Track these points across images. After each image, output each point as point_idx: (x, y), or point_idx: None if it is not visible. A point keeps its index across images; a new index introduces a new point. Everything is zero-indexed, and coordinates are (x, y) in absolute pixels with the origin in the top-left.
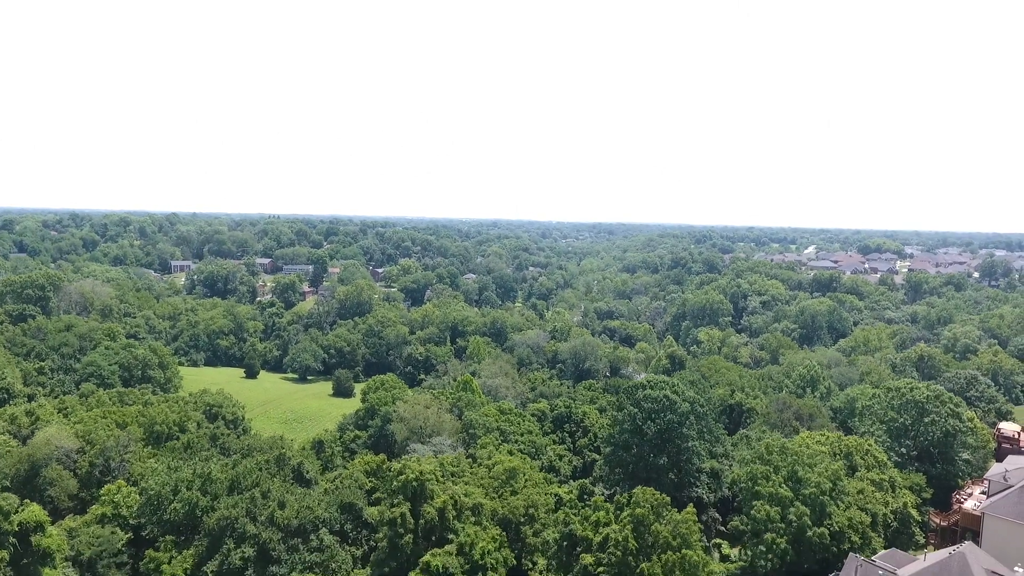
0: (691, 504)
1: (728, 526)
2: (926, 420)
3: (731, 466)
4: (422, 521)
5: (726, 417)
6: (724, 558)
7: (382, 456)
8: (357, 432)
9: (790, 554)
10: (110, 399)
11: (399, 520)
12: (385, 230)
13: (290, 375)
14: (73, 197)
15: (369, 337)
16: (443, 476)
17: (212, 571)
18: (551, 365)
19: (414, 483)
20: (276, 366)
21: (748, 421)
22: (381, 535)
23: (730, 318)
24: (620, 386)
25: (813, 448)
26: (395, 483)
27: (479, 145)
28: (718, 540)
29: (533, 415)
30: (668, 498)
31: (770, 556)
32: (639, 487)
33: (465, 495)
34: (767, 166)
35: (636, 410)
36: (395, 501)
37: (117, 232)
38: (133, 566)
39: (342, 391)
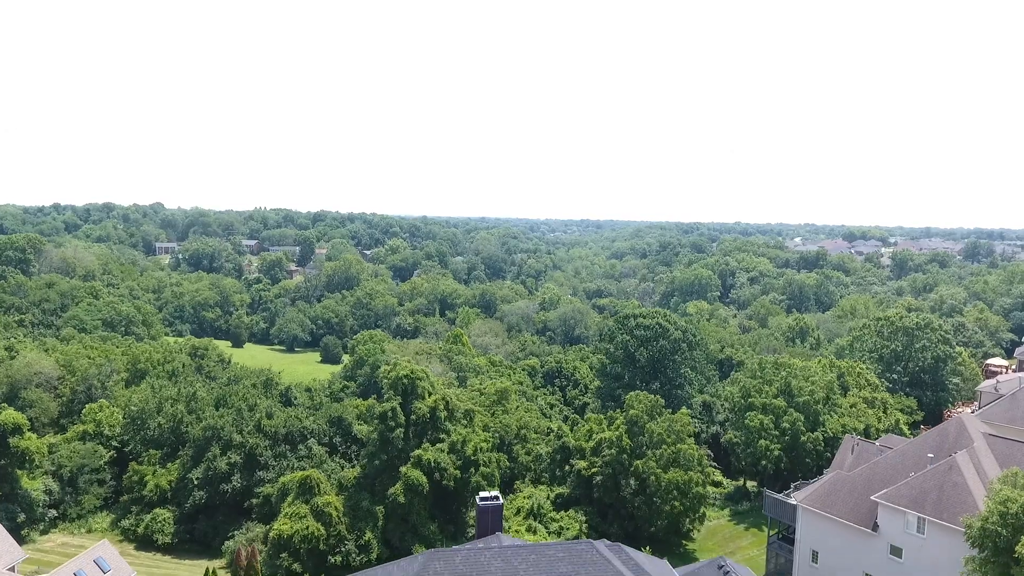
0: (684, 407)
1: (722, 440)
2: (916, 346)
3: (723, 405)
4: (413, 417)
5: (717, 372)
6: (716, 484)
7: (372, 399)
8: (346, 383)
9: (784, 461)
10: (92, 341)
11: (390, 414)
12: (373, 216)
13: (277, 346)
14: (53, 194)
15: (357, 309)
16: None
17: (197, 478)
18: (541, 333)
19: (405, 380)
20: (263, 338)
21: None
22: (372, 428)
23: (718, 293)
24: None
25: (805, 364)
26: (385, 380)
27: (465, 143)
28: (710, 469)
29: (523, 370)
30: (662, 400)
31: (763, 463)
32: (632, 392)
33: (457, 399)
34: (754, 163)
35: (629, 338)
36: (386, 396)
37: (100, 217)
38: (116, 486)
39: (331, 358)
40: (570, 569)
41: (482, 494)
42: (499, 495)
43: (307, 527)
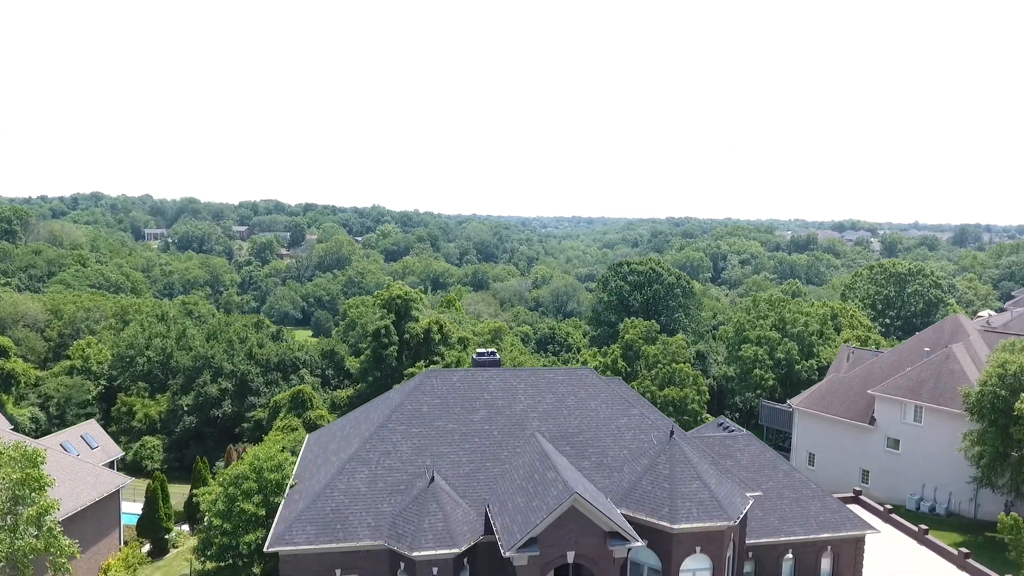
0: (679, 334)
1: (715, 377)
2: (908, 291)
3: (715, 359)
4: (407, 336)
5: (710, 331)
6: None
7: (365, 318)
8: (338, 345)
9: (779, 391)
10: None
11: (383, 331)
12: (364, 208)
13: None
14: (39, 188)
15: (349, 287)
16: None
17: (187, 405)
18: (533, 309)
19: (399, 300)
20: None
21: None
22: (364, 345)
23: (710, 275)
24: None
25: (799, 300)
26: (378, 300)
27: (453, 138)
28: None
29: (517, 335)
30: (657, 325)
31: (758, 393)
32: (627, 319)
33: (452, 325)
34: (746, 161)
35: (623, 283)
36: (380, 314)
37: (88, 206)
38: (104, 422)
39: (322, 333)
40: (569, 389)
41: (479, 350)
42: (496, 351)
43: (300, 438)
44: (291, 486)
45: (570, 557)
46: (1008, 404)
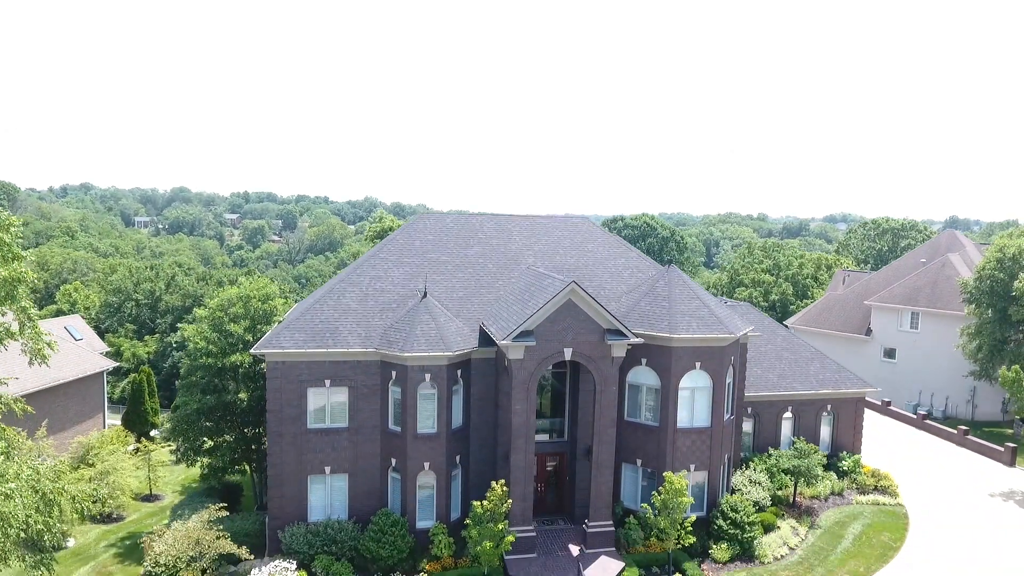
0: None
1: None
2: (902, 244)
3: None
4: None
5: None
6: None
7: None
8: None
9: None
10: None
11: None
12: (355, 200)
13: None
14: (28, 182)
15: (341, 269)
16: None
17: (175, 342)
18: None
19: (391, 232)
20: None
21: None
22: None
23: (703, 259)
24: None
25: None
26: (369, 232)
27: (443, 135)
28: None
29: None
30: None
31: None
32: None
33: None
34: (739, 159)
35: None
36: (374, 244)
37: (79, 195)
38: None
39: None
40: (566, 233)
41: None
42: None
43: None
44: (278, 322)
45: (567, 353)
46: (1007, 287)
